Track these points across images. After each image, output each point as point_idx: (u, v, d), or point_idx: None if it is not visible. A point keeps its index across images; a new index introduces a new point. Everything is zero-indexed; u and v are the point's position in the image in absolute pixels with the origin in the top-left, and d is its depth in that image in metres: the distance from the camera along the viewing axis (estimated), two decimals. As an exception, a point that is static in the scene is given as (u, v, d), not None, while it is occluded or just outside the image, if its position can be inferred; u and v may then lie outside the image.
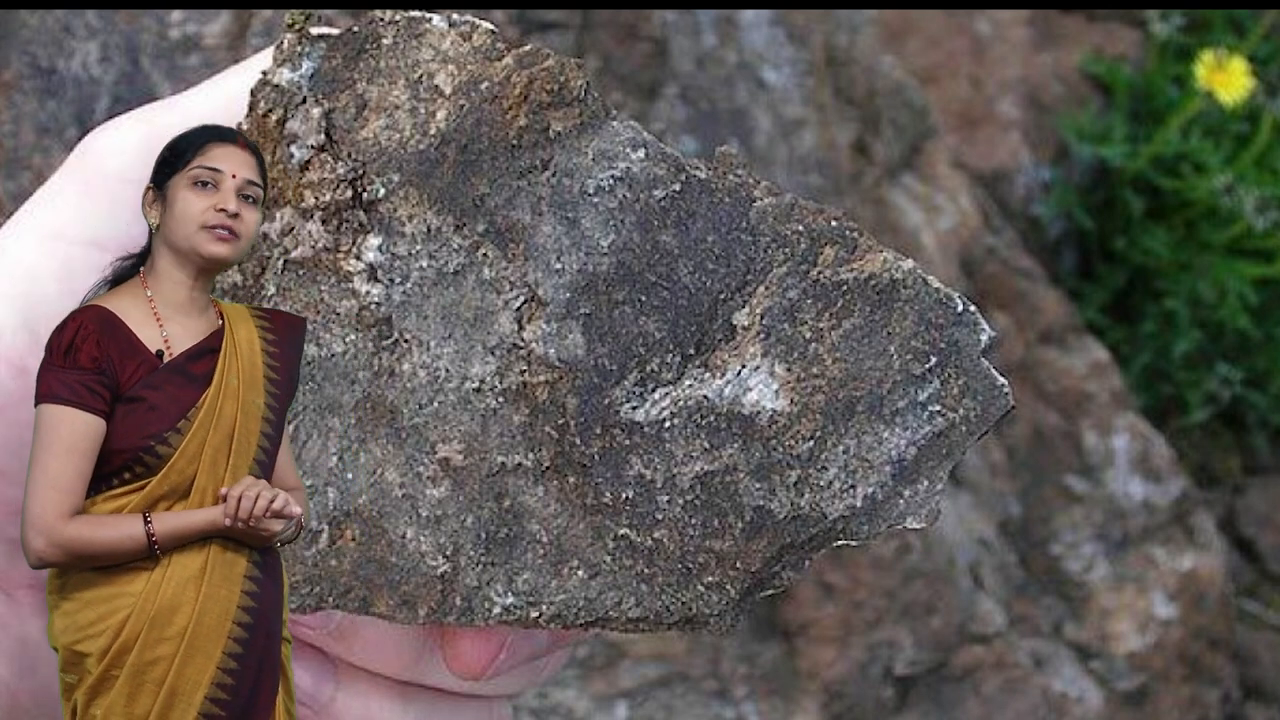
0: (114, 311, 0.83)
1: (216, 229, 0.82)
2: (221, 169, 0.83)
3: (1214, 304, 2.73)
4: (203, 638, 0.81)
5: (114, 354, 0.82)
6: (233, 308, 0.85)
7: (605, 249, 0.91)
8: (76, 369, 0.81)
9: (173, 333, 0.83)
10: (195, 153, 0.83)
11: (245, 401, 0.83)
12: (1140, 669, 2.32)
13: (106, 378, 0.81)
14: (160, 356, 0.83)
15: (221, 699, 0.81)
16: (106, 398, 0.81)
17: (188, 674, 0.81)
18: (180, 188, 0.83)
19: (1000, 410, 0.91)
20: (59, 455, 0.81)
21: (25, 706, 0.88)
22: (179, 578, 0.81)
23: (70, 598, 0.82)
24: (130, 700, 0.80)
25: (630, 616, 0.91)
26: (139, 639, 0.81)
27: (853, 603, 2.10)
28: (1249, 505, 2.78)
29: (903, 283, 0.91)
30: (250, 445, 0.83)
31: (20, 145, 1.84)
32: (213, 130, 0.84)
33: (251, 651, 0.81)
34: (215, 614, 0.81)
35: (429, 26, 0.91)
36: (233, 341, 0.84)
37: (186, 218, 0.83)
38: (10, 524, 0.88)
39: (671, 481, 0.91)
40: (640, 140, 0.91)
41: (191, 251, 0.83)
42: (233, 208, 0.83)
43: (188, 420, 0.82)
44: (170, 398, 0.82)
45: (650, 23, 2.08)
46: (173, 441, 0.81)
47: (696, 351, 0.91)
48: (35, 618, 0.89)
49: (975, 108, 2.77)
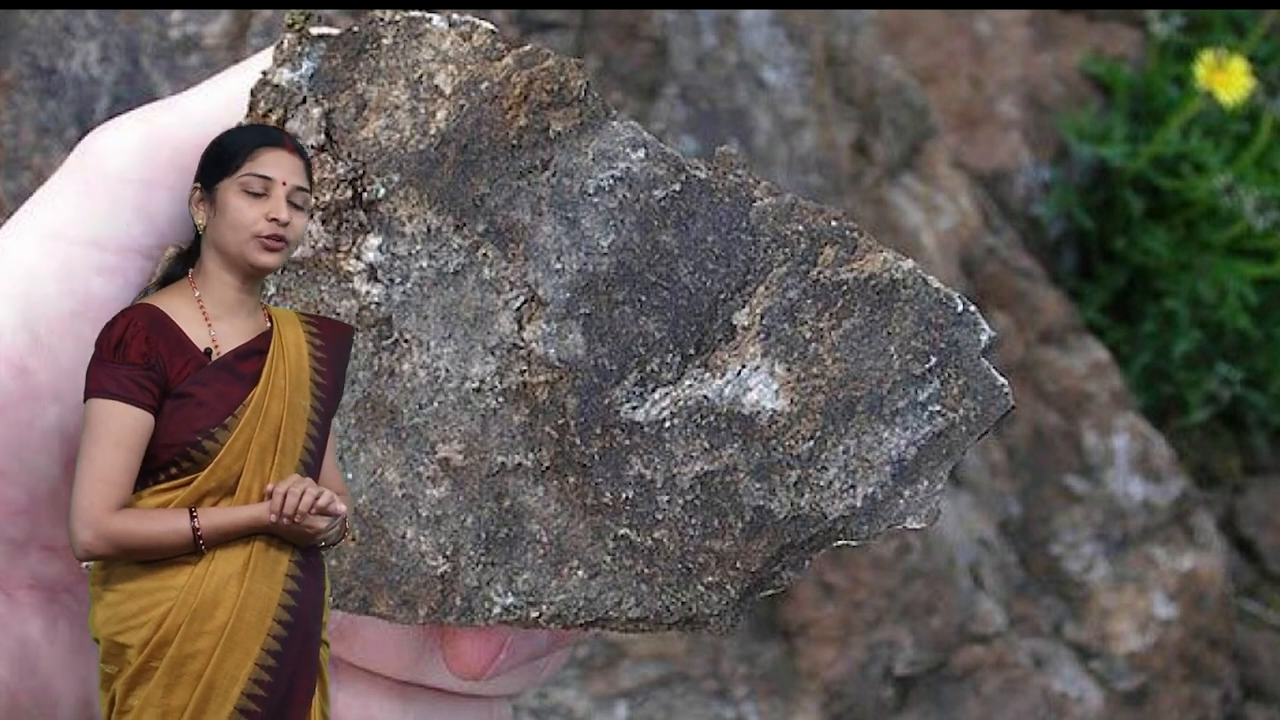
0: (164, 310, 0.83)
1: (268, 239, 0.83)
2: (273, 176, 0.83)
3: (1214, 304, 2.73)
4: (242, 633, 0.81)
5: (163, 351, 0.82)
6: (281, 312, 0.86)
7: (605, 249, 0.91)
8: (126, 364, 0.82)
9: (221, 332, 0.84)
10: (245, 158, 0.83)
11: (292, 402, 0.83)
12: (1140, 669, 2.32)
13: (155, 373, 0.82)
14: (209, 354, 0.83)
15: (258, 695, 0.81)
16: (155, 393, 0.82)
17: (226, 668, 0.81)
18: (230, 193, 0.83)
19: (1000, 410, 0.91)
20: (107, 449, 0.81)
21: (25, 706, 0.88)
22: (222, 573, 0.81)
23: (114, 589, 0.82)
24: (168, 692, 0.81)
25: (630, 616, 0.91)
26: (179, 632, 0.81)
27: (853, 603, 2.10)
28: (1249, 505, 2.78)
29: (903, 283, 0.91)
30: (296, 445, 0.83)
31: (20, 145, 1.84)
32: (262, 134, 0.85)
33: (290, 649, 0.82)
34: (256, 610, 0.81)
35: (429, 26, 0.91)
36: (280, 344, 0.84)
37: (238, 226, 0.83)
38: (10, 524, 0.89)
39: (671, 481, 0.91)
40: (640, 140, 0.91)
41: (241, 259, 0.84)
42: (284, 217, 0.83)
43: (235, 417, 0.82)
44: (218, 394, 0.82)
45: (650, 23, 2.08)
46: (219, 437, 0.82)
47: (696, 351, 0.91)
48: (35, 618, 0.89)
49: (975, 108, 2.77)
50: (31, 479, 0.88)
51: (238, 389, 0.83)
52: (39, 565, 0.90)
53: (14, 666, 0.88)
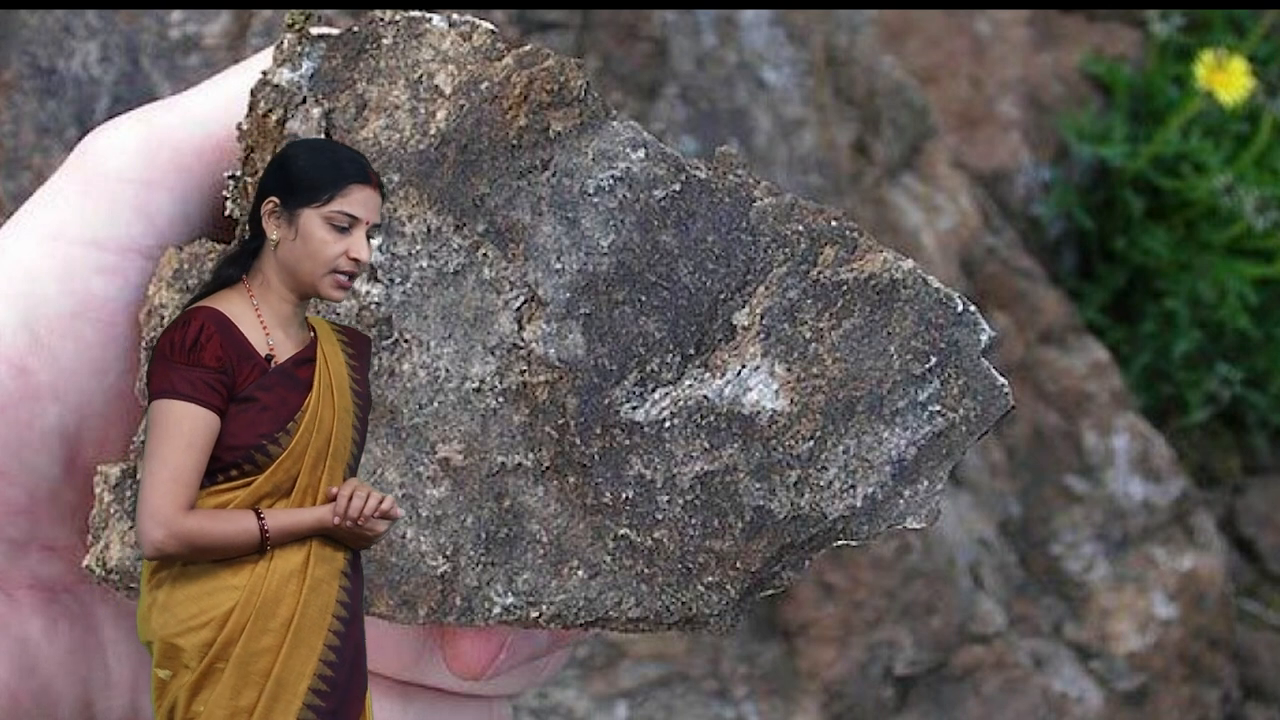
0: (228, 315, 0.83)
1: (342, 275, 0.84)
2: (360, 216, 0.84)
3: (1214, 304, 2.73)
4: (306, 629, 0.82)
5: (233, 356, 0.83)
6: (316, 321, 0.87)
7: (605, 249, 0.91)
8: (200, 367, 0.82)
9: (277, 340, 0.84)
10: (337, 193, 0.83)
11: (339, 408, 0.84)
12: (1140, 669, 2.32)
13: (227, 377, 0.82)
14: (269, 360, 0.84)
15: (323, 690, 0.82)
16: (225, 397, 0.82)
17: (293, 665, 0.81)
18: (314, 224, 0.83)
19: (1000, 410, 0.91)
20: (180, 449, 0.82)
21: (25, 706, 0.88)
22: (283, 570, 0.82)
23: (169, 591, 0.82)
24: (236, 693, 0.81)
25: (630, 616, 0.91)
26: (245, 630, 0.81)
27: (853, 603, 2.10)
28: (1249, 505, 2.78)
29: (903, 283, 0.91)
30: (344, 449, 0.84)
31: (20, 145, 1.84)
32: (355, 168, 0.84)
33: (348, 643, 0.83)
34: (317, 606, 0.82)
35: (429, 26, 0.91)
36: (323, 352, 0.85)
37: (320, 259, 0.83)
38: (10, 524, 0.89)
39: (671, 481, 0.91)
40: (640, 140, 0.91)
41: (312, 288, 0.84)
42: (366, 257, 0.84)
43: (295, 422, 0.83)
44: (280, 399, 0.83)
45: (650, 23, 2.08)
46: (282, 441, 0.82)
47: (696, 351, 0.91)
48: (35, 618, 0.89)
49: (975, 108, 2.77)
50: (31, 479, 0.88)
51: (296, 394, 0.83)
52: (39, 565, 0.90)
53: (14, 666, 0.88)
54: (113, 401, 0.89)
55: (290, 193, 0.83)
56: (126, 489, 0.89)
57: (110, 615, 0.92)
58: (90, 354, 0.88)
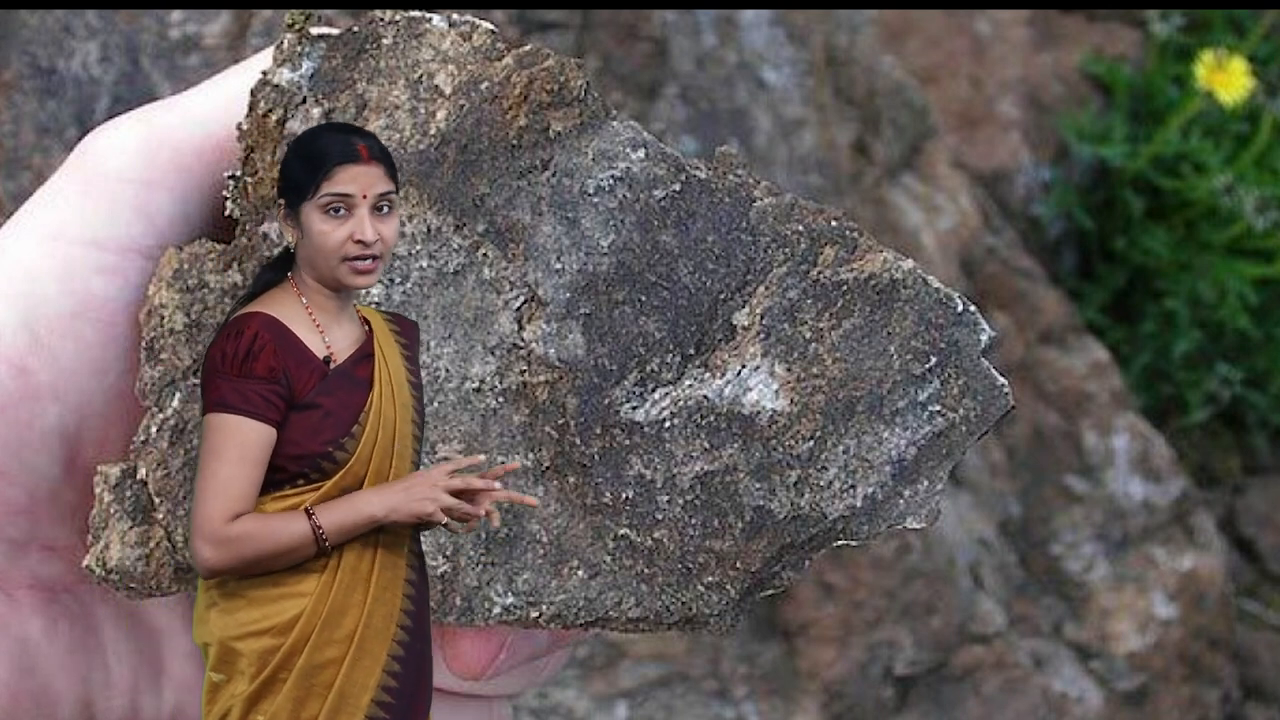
0: (281, 320, 0.82)
1: (356, 260, 0.82)
2: (352, 193, 0.82)
3: (1214, 304, 2.73)
4: (370, 640, 0.81)
5: (289, 363, 0.81)
6: (369, 312, 0.85)
7: (605, 249, 0.91)
8: (253, 379, 0.81)
9: (333, 339, 0.83)
10: (323, 178, 0.82)
11: (399, 403, 0.83)
12: (1140, 669, 2.32)
13: (282, 388, 0.81)
14: (327, 363, 0.82)
15: (386, 701, 0.81)
16: (281, 408, 0.81)
17: (355, 677, 0.81)
18: (313, 217, 0.82)
19: (1000, 410, 0.91)
20: (232, 463, 0.80)
21: (25, 706, 0.88)
22: (348, 580, 0.81)
23: (232, 594, 0.81)
24: (299, 705, 0.80)
25: (630, 616, 0.91)
26: (310, 641, 0.80)
27: (853, 603, 2.10)
28: (1249, 505, 2.78)
29: (903, 283, 0.91)
30: (408, 444, 0.83)
31: (20, 145, 1.84)
32: (338, 150, 0.82)
33: (412, 653, 0.82)
34: (382, 616, 0.81)
35: (429, 26, 0.91)
36: (380, 345, 0.84)
37: (325, 250, 0.82)
38: (10, 524, 0.89)
39: (671, 481, 0.91)
40: (640, 140, 0.91)
41: (334, 281, 0.83)
42: (369, 236, 0.82)
43: (360, 425, 0.82)
44: (342, 403, 0.82)
45: (650, 23, 2.08)
46: (348, 446, 0.82)
47: (696, 351, 0.91)
48: (35, 618, 0.89)
49: (975, 108, 2.77)
50: (31, 479, 0.88)
51: (358, 395, 0.82)
52: (39, 565, 0.90)
53: (14, 666, 0.88)
54: (113, 401, 0.89)
55: (288, 192, 0.83)
56: (126, 489, 0.89)
57: (110, 615, 0.92)
58: (90, 354, 0.88)
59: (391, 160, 0.84)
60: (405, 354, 0.85)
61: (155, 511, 0.90)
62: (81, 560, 0.90)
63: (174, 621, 0.94)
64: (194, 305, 0.89)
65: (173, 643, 0.94)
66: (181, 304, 0.89)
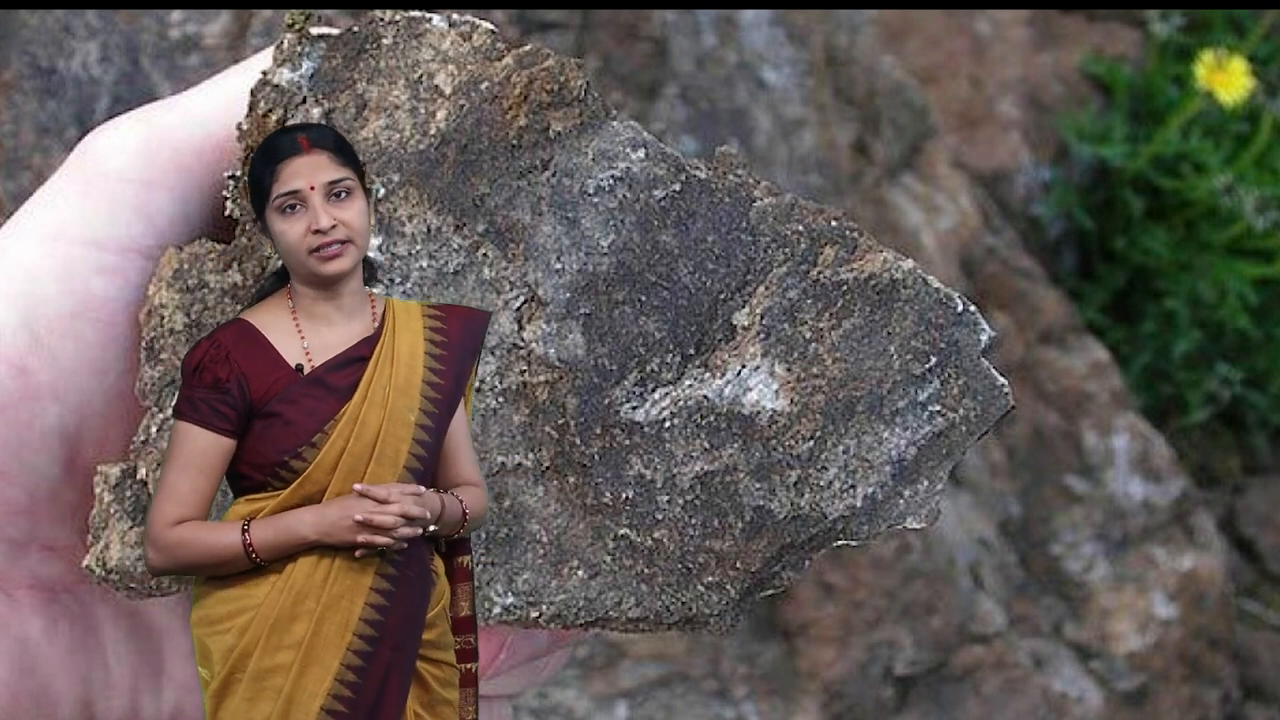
0: (256, 325, 0.83)
1: (318, 251, 0.82)
2: (298, 188, 0.82)
3: (1214, 304, 2.72)
4: (320, 649, 0.81)
5: (248, 370, 0.82)
6: (404, 308, 0.85)
7: (605, 249, 0.91)
8: (202, 388, 0.82)
9: (316, 344, 0.83)
10: (272, 180, 0.82)
11: (394, 409, 0.83)
12: (1140, 669, 2.32)
13: (232, 397, 0.82)
14: (300, 369, 0.83)
15: (338, 710, 0.80)
16: (231, 416, 0.82)
17: (305, 684, 0.81)
18: (274, 219, 0.83)
19: (1000, 410, 0.91)
20: (177, 469, 0.82)
21: (25, 706, 0.88)
22: (300, 587, 0.81)
23: (208, 590, 0.82)
24: (250, 705, 0.81)
25: (630, 616, 0.91)
26: (259, 645, 0.81)
27: (853, 603, 2.10)
28: (1249, 505, 2.78)
29: (903, 283, 0.91)
30: (399, 453, 0.82)
31: (20, 145, 1.84)
32: (275, 148, 0.83)
33: (375, 664, 0.81)
34: (335, 624, 0.81)
35: (429, 26, 0.91)
36: (390, 348, 0.84)
37: (289, 249, 0.82)
38: (10, 524, 0.88)
39: (671, 481, 0.91)
40: (640, 140, 0.91)
41: (309, 275, 0.83)
42: (324, 224, 0.82)
43: (324, 433, 0.82)
44: (306, 411, 0.82)
45: (650, 23, 2.08)
46: (307, 455, 0.82)
47: (696, 351, 0.91)
48: (35, 618, 0.89)
49: (975, 108, 2.77)
50: (31, 479, 0.88)
51: (329, 403, 0.82)
52: (39, 565, 0.90)
53: (14, 666, 0.88)
54: (113, 401, 0.89)
55: (255, 202, 0.84)
56: (126, 489, 0.89)
57: (110, 615, 0.92)
58: (90, 354, 0.88)
59: (344, 145, 0.84)
60: (435, 354, 0.84)
61: (155, 511, 0.89)
62: (81, 560, 0.90)
63: (174, 621, 0.94)
64: (194, 305, 0.89)
65: (173, 643, 0.94)
66: (181, 304, 0.89)
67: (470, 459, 0.85)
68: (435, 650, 0.83)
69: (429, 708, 0.83)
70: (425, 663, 0.83)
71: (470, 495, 0.84)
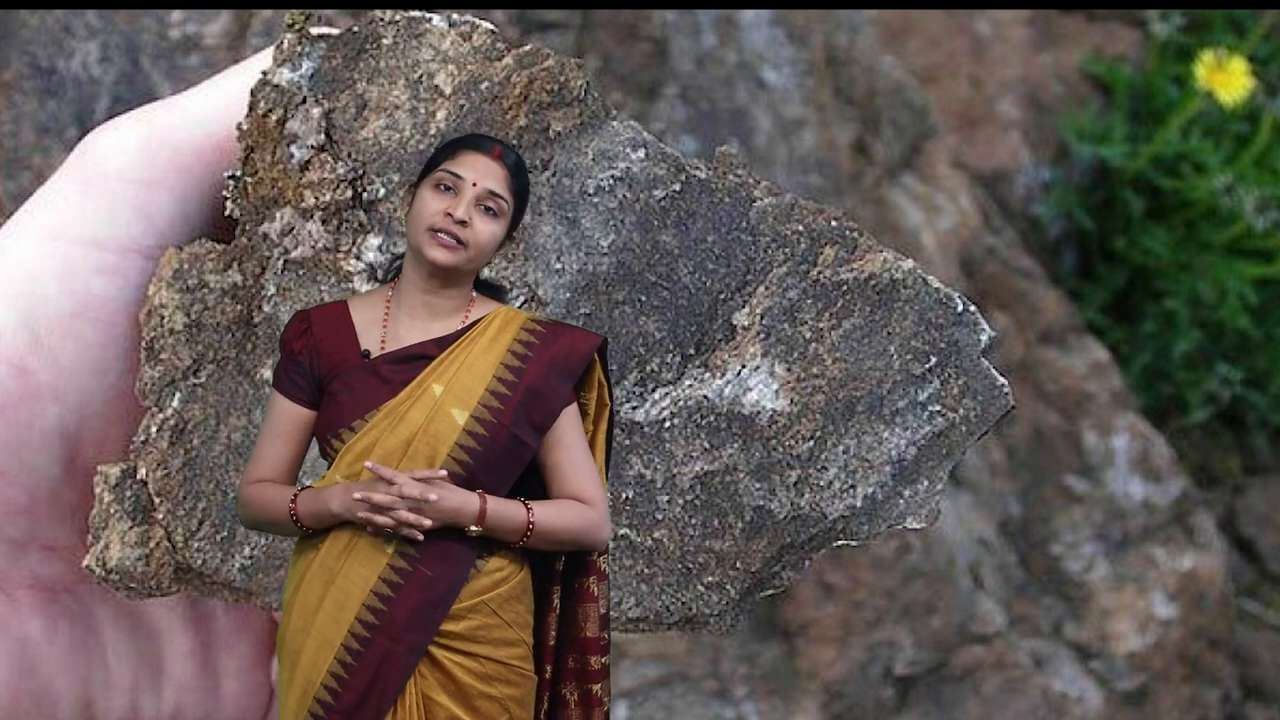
0: (350, 307, 0.85)
1: (441, 233, 0.83)
2: (464, 175, 0.84)
3: (1214, 304, 2.72)
4: (325, 625, 0.83)
5: (325, 347, 0.85)
6: (506, 319, 0.85)
7: (605, 249, 0.91)
8: (285, 359, 0.85)
9: (395, 334, 0.85)
10: (446, 157, 0.84)
11: (442, 412, 0.83)
12: (1140, 669, 2.32)
13: (302, 369, 0.84)
14: (366, 355, 0.84)
15: (333, 688, 0.82)
16: (305, 387, 0.85)
17: (313, 657, 0.83)
18: (425, 190, 0.84)
19: (1000, 410, 0.91)
20: (263, 433, 0.85)
21: (25, 706, 0.88)
22: (324, 563, 0.83)
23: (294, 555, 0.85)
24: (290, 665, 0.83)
25: (630, 616, 0.91)
26: (292, 611, 0.83)
27: (853, 603, 2.10)
28: (1249, 505, 2.78)
29: (903, 283, 0.91)
30: (436, 453, 0.83)
31: (20, 145, 1.84)
32: (472, 139, 0.85)
33: (371, 652, 0.82)
34: (334, 602, 0.83)
35: (429, 27, 0.91)
36: (465, 353, 0.84)
37: (419, 217, 0.84)
38: (10, 524, 0.89)
39: (671, 481, 0.91)
40: (640, 140, 0.91)
41: (417, 250, 0.84)
42: (461, 214, 0.83)
43: (364, 420, 0.84)
44: (356, 396, 0.84)
45: (650, 23, 2.08)
46: (345, 436, 0.84)
47: (697, 351, 0.91)
48: (35, 618, 0.89)
49: (975, 108, 2.77)
50: (31, 479, 0.88)
51: (379, 393, 0.84)
52: (39, 565, 0.90)
53: (14, 666, 0.88)
54: (113, 401, 0.89)
55: (419, 174, 0.85)
56: (126, 489, 0.89)
57: (110, 615, 0.92)
58: (90, 354, 0.88)
59: (523, 174, 0.85)
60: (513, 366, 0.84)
61: (155, 511, 0.90)
62: (81, 560, 0.90)
63: (174, 621, 0.94)
64: (194, 305, 0.89)
65: (173, 643, 0.94)
66: (181, 304, 0.89)
67: (584, 476, 0.85)
68: (468, 643, 0.83)
69: (460, 699, 0.83)
70: (451, 653, 0.83)
71: (568, 509, 0.84)
